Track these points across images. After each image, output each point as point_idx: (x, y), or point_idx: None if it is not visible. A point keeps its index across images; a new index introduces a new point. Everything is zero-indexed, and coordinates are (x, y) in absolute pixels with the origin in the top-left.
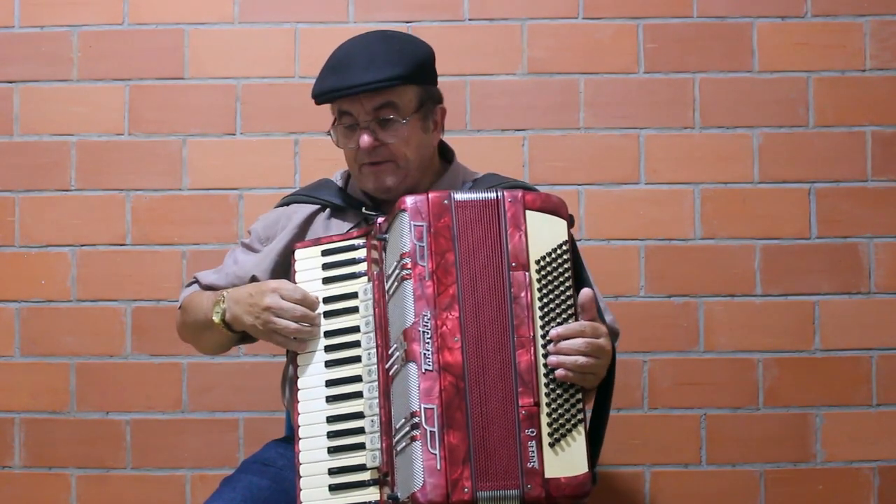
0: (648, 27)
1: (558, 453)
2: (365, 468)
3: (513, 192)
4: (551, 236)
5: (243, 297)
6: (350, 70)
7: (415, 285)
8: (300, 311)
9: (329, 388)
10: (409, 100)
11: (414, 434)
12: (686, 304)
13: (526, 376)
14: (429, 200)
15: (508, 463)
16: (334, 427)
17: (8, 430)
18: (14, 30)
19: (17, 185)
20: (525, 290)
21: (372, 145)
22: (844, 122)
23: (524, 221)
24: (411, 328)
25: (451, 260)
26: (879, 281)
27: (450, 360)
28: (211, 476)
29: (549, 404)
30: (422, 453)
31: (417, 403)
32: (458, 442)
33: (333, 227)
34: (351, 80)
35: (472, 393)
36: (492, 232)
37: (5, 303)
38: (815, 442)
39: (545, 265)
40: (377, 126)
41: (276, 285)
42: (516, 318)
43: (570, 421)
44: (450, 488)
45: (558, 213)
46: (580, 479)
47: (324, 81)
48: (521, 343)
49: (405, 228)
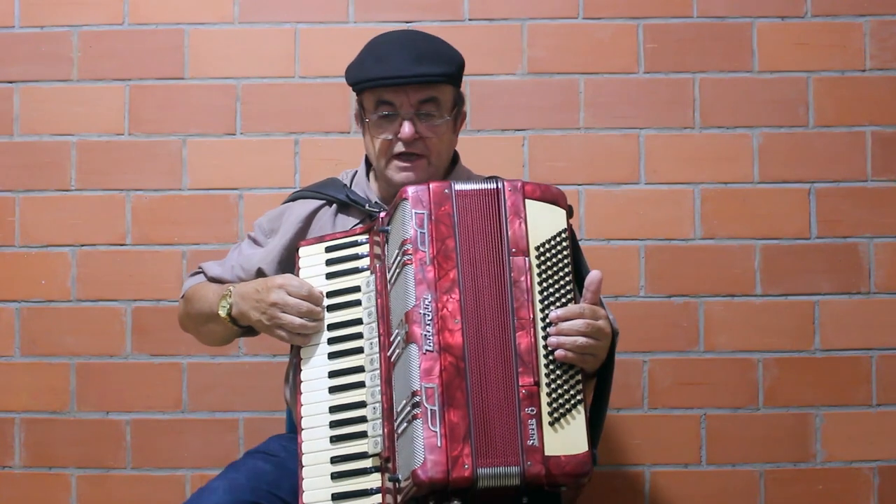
0: (648, 27)
1: (558, 431)
2: (367, 455)
3: (513, 182)
4: (551, 224)
5: (250, 293)
6: (398, 61)
7: (416, 269)
8: (306, 307)
9: (332, 379)
10: (448, 99)
11: (415, 413)
12: (686, 304)
13: (526, 357)
14: (430, 189)
15: (509, 441)
16: (337, 416)
17: (8, 430)
18: (14, 30)
19: (17, 185)
20: (525, 275)
21: (413, 136)
22: (844, 122)
23: (524, 209)
24: (412, 311)
25: (451, 246)
26: (879, 281)
27: (450, 341)
28: (211, 476)
29: (548, 384)
30: (422, 431)
31: (418, 383)
32: (458, 420)
33: (339, 223)
34: (402, 71)
35: (473, 373)
36: (491, 219)
37: (5, 303)
38: (815, 442)
39: (545, 251)
40: (417, 120)
41: (283, 281)
42: (516, 300)
43: (569, 401)
44: (450, 465)
45: (557, 202)
46: (580, 457)
47: (369, 69)
48: (521, 325)
49: (407, 216)
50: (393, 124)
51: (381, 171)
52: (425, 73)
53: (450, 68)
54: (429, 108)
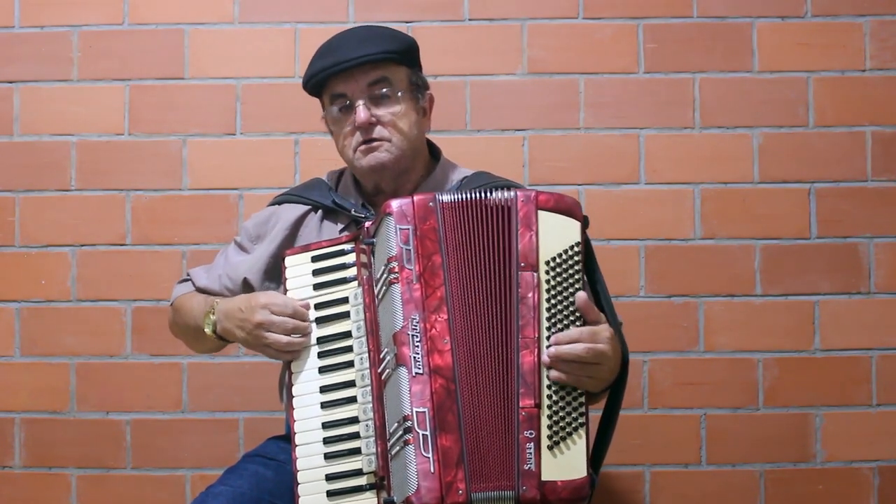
0: (648, 27)
1: (557, 456)
2: (361, 473)
3: (526, 192)
4: (564, 237)
5: (234, 312)
6: (342, 50)
7: (402, 289)
8: (291, 324)
9: (323, 395)
10: (401, 78)
11: (407, 438)
12: (686, 304)
13: (528, 377)
14: (414, 203)
15: (504, 464)
16: (330, 433)
17: (8, 430)
18: (14, 30)
19: (17, 185)
20: (533, 291)
21: (368, 120)
22: (844, 122)
23: (536, 221)
24: (400, 332)
25: (437, 262)
26: (879, 281)
27: (440, 362)
28: (211, 476)
29: (550, 406)
30: (415, 457)
31: (409, 407)
32: (450, 444)
33: (325, 229)
34: (345, 56)
35: (464, 395)
36: (488, 231)
37: (5, 303)
38: (815, 442)
39: (555, 265)
40: (371, 103)
41: (266, 300)
42: (522, 318)
43: (570, 424)
44: (444, 491)
45: (572, 213)
46: (577, 482)
47: (314, 65)
48: (525, 344)
49: (391, 232)
50: (350, 115)
51: (354, 167)
52: (367, 52)
53: (395, 45)
54: (381, 87)
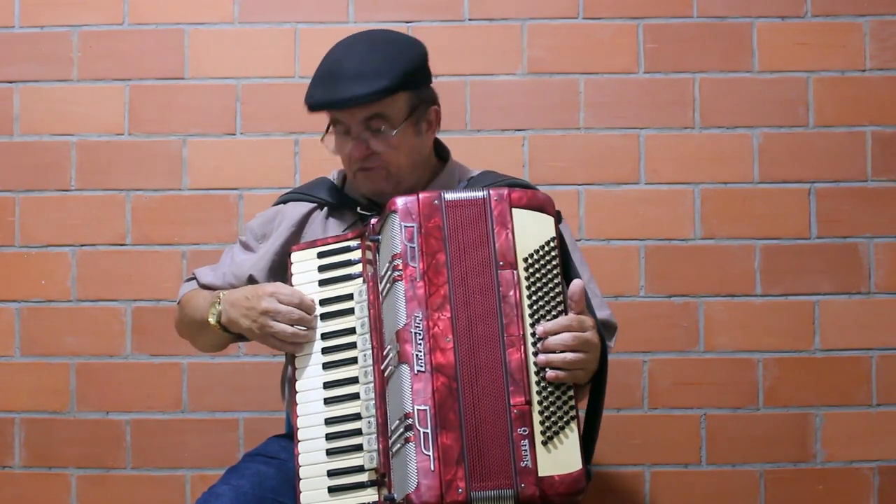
0: (648, 27)
1: (551, 451)
2: (363, 469)
3: (499, 191)
4: (539, 233)
5: (240, 300)
6: (339, 82)
7: (406, 286)
8: (297, 315)
9: (327, 390)
10: (398, 109)
11: (408, 436)
12: (686, 304)
13: (517, 375)
14: (419, 201)
15: (502, 462)
16: (332, 429)
17: (8, 430)
18: (14, 30)
19: (17, 185)
20: (513, 289)
21: (363, 154)
22: (844, 122)
23: (510, 219)
24: (403, 329)
25: (441, 260)
26: (879, 281)
27: (442, 360)
28: (211, 476)
29: (540, 402)
30: (416, 455)
31: (410, 405)
32: (451, 442)
33: (331, 226)
34: (340, 94)
35: (465, 393)
36: (480, 231)
37: (5, 303)
38: (815, 442)
39: (533, 262)
40: (369, 135)
41: (273, 289)
42: (505, 316)
43: (562, 418)
44: (444, 489)
45: (545, 209)
46: (574, 476)
47: (314, 92)
48: (510, 342)
49: (396, 230)
50: (348, 141)
51: (351, 182)
52: (361, 93)
53: (391, 80)
54: (376, 123)
